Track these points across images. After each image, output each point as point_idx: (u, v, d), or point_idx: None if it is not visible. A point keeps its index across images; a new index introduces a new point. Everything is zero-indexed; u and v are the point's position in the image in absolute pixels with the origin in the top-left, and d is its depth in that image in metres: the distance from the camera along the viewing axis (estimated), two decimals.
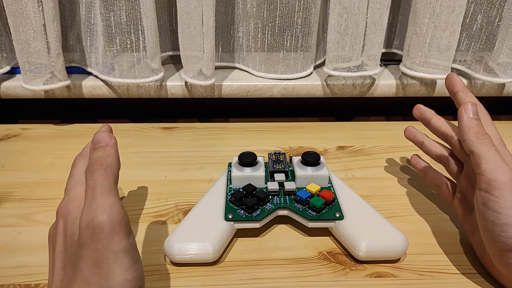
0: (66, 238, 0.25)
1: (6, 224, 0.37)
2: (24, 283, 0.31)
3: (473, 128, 0.32)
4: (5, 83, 0.55)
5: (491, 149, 0.30)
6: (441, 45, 0.52)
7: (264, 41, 0.55)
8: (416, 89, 0.57)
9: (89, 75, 0.57)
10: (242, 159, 0.39)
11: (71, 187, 0.28)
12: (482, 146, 0.30)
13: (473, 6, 0.53)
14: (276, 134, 0.54)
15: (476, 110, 0.33)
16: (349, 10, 0.50)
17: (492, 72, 0.54)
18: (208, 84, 0.54)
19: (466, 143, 0.32)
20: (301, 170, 0.39)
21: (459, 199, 0.35)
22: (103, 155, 0.27)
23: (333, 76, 0.56)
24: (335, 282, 0.32)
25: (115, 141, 0.29)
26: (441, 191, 0.38)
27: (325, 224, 0.35)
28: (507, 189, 0.28)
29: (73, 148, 0.50)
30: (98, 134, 0.28)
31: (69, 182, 0.29)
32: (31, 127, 0.55)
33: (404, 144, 0.51)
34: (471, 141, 0.31)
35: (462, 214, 0.35)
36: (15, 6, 0.48)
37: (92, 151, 0.28)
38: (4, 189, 0.42)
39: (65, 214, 0.26)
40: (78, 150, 0.50)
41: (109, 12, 0.50)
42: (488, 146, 0.30)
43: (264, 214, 0.35)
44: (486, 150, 0.30)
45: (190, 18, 0.50)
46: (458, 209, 0.35)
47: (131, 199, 0.41)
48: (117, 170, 0.27)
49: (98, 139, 0.28)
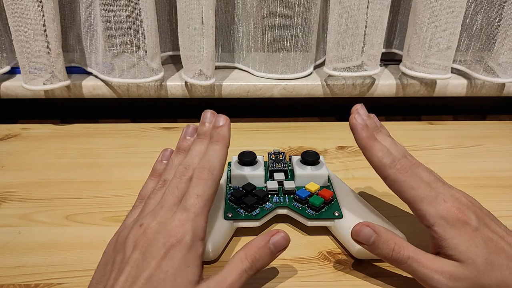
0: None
1: (6, 224, 0.37)
2: (24, 283, 0.31)
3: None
4: (5, 83, 0.55)
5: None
6: (441, 45, 0.52)
7: (264, 41, 0.55)
8: (416, 89, 0.57)
9: (89, 75, 0.57)
10: (241, 158, 0.39)
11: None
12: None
13: (473, 6, 0.53)
14: (276, 134, 0.54)
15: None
16: (349, 10, 0.50)
17: (492, 72, 0.54)
18: (208, 84, 0.54)
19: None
20: (301, 169, 0.39)
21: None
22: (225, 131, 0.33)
23: (333, 76, 0.56)
24: (335, 282, 0.32)
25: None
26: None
27: (324, 223, 0.35)
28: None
29: (73, 148, 0.50)
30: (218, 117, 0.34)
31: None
32: (31, 127, 0.55)
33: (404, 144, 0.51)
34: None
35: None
36: (15, 6, 0.48)
37: (213, 129, 0.33)
38: (4, 189, 0.42)
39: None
40: (78, 150, 0.50)
41: (109, 12, 0.50)
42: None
43: (264, 213, 0.35)
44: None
45: (190, 18, 0.50)
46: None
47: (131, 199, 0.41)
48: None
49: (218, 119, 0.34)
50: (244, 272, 0.27)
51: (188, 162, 0.32)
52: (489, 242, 0.28)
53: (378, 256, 0.30)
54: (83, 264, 0.33)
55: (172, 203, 0.29)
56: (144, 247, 0.26)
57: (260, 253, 0.27)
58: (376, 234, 0.29)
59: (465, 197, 0.30)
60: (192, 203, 0.28)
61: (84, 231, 0.37)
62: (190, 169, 0.31)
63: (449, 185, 0.32)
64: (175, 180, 0.30)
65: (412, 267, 0.28)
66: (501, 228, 0.29)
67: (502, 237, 0.28)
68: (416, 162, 0.32)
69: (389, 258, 0.29)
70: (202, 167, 0.30)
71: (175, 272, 0.25)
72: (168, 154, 0.36)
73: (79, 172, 0.45)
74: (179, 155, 0.34)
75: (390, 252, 0.29)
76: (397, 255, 0.28)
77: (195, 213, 0.28)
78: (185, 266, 0.26)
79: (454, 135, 0.54)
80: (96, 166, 0.46)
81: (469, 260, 0.27)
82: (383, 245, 0.29)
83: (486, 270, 0.27)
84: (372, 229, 0.29)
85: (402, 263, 0.28)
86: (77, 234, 0.36)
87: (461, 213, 0.28)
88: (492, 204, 0.41)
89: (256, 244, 0.28)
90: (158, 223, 0.27)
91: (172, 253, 0.26)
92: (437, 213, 0.29)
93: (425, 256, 0.28)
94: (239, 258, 0.27)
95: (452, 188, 0.31)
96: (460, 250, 0.27)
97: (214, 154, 0.31)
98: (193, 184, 0.29)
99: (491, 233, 0.28)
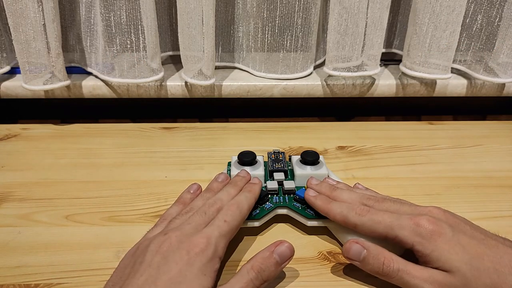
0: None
1: (6, 224, 0.37)
2: (24, 283, 0.31)
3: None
4: (5, 83, 0.55)
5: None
6: (441, 45, 0.52)
7: (264, 41, 0.55)
8: (416, 89, 0.57)
9: (89, 75, 0.57)
10: (241, 158, 0.40)
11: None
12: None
13: (473, 6, 0.53)
14: (276, 134, 0.54)
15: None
16: (349, 10, 0.50)
17: (492, 72, 0.54)
18: (208, 84, 0.54)
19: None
20: (300, 169, 0.39)
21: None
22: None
23: (333, 76, 0.56)
24: (335, 282, 0.32)
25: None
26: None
27: (324, 222, 0.35)
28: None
29: (73, 148, 0.50)
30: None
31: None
32: (31, 127, 0.55)
33: (404, 144, 0.51)
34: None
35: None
36: (15, 6, 0.48)
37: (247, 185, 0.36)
38: (4, 189, 0.42)
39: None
40: (78, 150, 0.50)
41: (109, 12, 0.50)
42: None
43: (264, 213, 0.35)
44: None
45: (190, 18, 0.50)
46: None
47: (131, 199, 0.41)
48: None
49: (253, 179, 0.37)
50: (251, 282, 0.27)
51: (219, 197, 0.34)
52: (468, 247, 0.28)
53: (369, 272, 0.30)
54: (83, 264, 0.33)
55: (199, 223, 0.30)
56: (167, 252, 0.27)
57: (266, 263, 0.29)
58: (365, 249, 0.30)
59: (436, 210, 0.31)
60: (219, 224, 0.30)
61: (84, 231, 0.37)
62: (219, 202, 0.33)
63: (418, 205, 0.33)
64: (204, 207, 0.32)
65: (403, 279, 0.28)
66: (478, 232, 0.30)
67: (480, 241, 0.29)
68: (379, 199, 0.34)
69: (380, 273, 0.29)
70: (232, 203, 0.33)
71: (193, 277, 0.26)
72: (196, 188, 0.38)
73: (79, 172, 0.45)
74: (209, 192, 0.36)
75: (380, 266, 0.29)
76: (387, 269, 0.29)
77: (220, 233, 0.29)
78: (202, 274, 0.27)
79: (454, 135, 0.54)
80: (96, 166, 0.46)
81: (454, 268, 0.27)
82: (373, 260, 0.30)
83: (473, 276, 0.27)
84: (361, 246, 0.30)
85: (393, 276, 0.29)
86: (77, 234, 0.36)
87: (434, 225, 0.29)
88: (492, 204, 0.41)
89: (261, 255, 0.29)
90: (183, 235, 0.29)
91: (193, 260, 0.27)
92: (411, 233, 0.29)
93: (414, 268, 0.29)
94: (245, 269, 0.28)
95: (420, 207, 0.32)
96: (443, 261, 0.28)
97: (245, 198, 0.34)
98: (222, 212, 0.31)
99: (469, 239, 0.29)
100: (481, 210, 0.40)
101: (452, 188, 0.43)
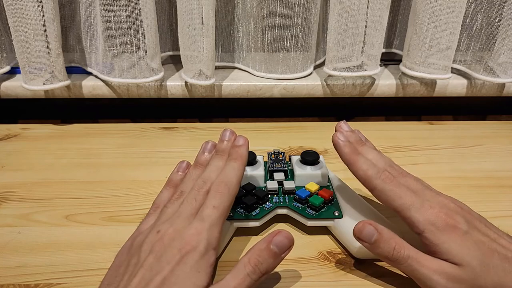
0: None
1: (6, 224, 0.37)
2: (24, 283, 0.31)
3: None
4: (5, 83, 0.55)
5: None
6: (441, 45, 0.52)
7: (264, 41, 0.55)
8: (416, 89, 0.57)
9: (89, 75, 0.57)
10: None
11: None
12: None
13: (473, 6, 0.53)
14: (276, 134, 0.54)
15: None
16: (349, 10, 0.50)
17: (492, 72, 0.54)
18: (208, 84, 0.54)
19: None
20: (300, 169, 0.39)
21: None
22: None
23: (333, 76, 0.56)
24: (335, 282, 0.32)
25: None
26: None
27: (324, 222, 0.35)
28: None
29: (73, 148, 0.50)
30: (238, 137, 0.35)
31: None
32: (31, 127, 0.55)
33: (404, 144, 0.51)
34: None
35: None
36: (15, 6, 0.48)
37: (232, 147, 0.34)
38: (4, 189, 0.42)
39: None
40: (78, 150, 0.50)
41: (109, 12, 0.50)
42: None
43: (264, 213, 0.35)
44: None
45: (190, 18, 0.50)
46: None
47: (131, 199, 0.41)
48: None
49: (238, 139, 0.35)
50: (247, 276, 0.27)
51: (207, 176, 0.33)
52: (481, 244, 0.28)
53: (378, 256, 0.30)
54: (83, 264, 0.33)
55: (189, 213, 0.30)
56: (159, 252, 0.27)
57: (263, 255, 0.28)
58: (378, 233, 0.29)
59: (454, 203, 0.31)
60: (208, 213, 0.29)
61: (84, 231, 0.37)
62: (208, 183, 0.32)
63: (438, 192, 0.32)
64: (193, 192, 0.32)
65: (412, 267, 0.28)
66: (492, 231, 0.30)
67: (493, 239, 0.29)
68: (403, 172, 0.33)
69: (390, 258, 0.29)
70: (220, 181, 0.31)
71: (186, 276, 0.26)
72: (185, 166, 0.38)
73: (79, 172, 0.45)
74: (197, 169, 0.35)
75: (391, 251, 0.29)
76: (397, 254, 0.29)
77: (211, 223, 0.29)
78: (195, 272, 0.27)
79: (454, 135, 0.54)
80: (96, 166, 0.46)
81: (464, 262, 0.27)
82: (384, 244, 0.29)
83: (482, 272, 0.27)
84: (374, 228, 0.30)
85: (402, 262, 0.28)
86: (77, 234, 0.36)
87: (450, 217, 0.29)
88: (492, 204, 0.41)
89: (258, 247, 0.28)
90: (175, 230, 0.28)
91: (185, 259, 0.27)
92: (425, 219, 0.29)
93: (424, 257, 0.28)
94: (242, 263, 0.28)
95: (440, 195, 0.32)
96: (453, 254, 0.28)
97: (232, 170, 0.32)
98: (210, 196, 0.31)
99: (482, 236, 0.29)
100: (481, 210, 0.39)
101: (452, 188, 0.43)
